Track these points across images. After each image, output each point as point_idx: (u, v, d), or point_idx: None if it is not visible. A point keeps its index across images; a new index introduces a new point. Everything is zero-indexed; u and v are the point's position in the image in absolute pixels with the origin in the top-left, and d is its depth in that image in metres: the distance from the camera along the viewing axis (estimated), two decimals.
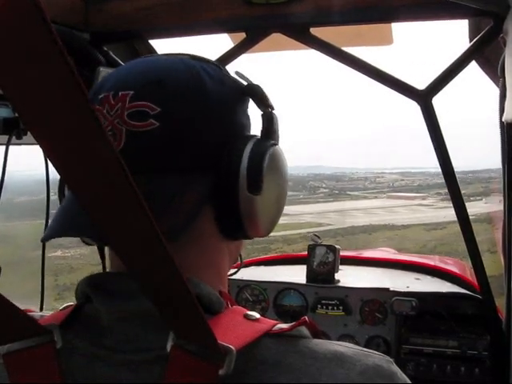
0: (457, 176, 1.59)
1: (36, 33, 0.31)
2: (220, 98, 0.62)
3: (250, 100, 0.69)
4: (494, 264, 1.72)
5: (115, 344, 0.56)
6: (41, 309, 1.44)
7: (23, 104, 0.34)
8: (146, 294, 0.47)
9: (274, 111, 0.68)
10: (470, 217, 1.65)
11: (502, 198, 1.52)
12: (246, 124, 0.67)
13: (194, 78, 0.61)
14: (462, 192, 1.62)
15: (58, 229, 0.60)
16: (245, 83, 0.68)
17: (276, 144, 0.65)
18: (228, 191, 0.60)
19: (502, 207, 1.54)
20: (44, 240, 0.60)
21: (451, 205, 1.62)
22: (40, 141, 0.36)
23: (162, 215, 0.52)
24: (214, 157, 0.61)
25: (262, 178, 0.61)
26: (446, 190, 1.60)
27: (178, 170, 0.59)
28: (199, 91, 0.61)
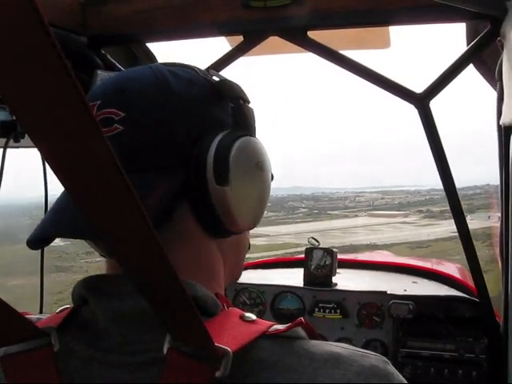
0: (437, 194, 1.59)
1: (34, 36, 0.31)
2: (187, 97, 0.63)
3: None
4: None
5: (112, 346, 0.56)
6: (40, 311, 1.45)
7: (21, 107, 0.34)
8: (142, 295, 0.47)
9: (246, 103, 0.68)
10: (457, 234, 1.66)
11: (489, 214, 1.53)
12: (225, 120, 0.66)
13: (157, 81, 0.62)
14: (444, 208, 1.62)
15: (49, 229, 0.61)
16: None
17: (246, 135, 0.64)
18: (198, 186, 0.60)
19: (490, 223, 1.55)
20: (29, 242, 0.60)
21: (434, 222, 1.63)
22: (38, 143, 0.36)
23: None
24: (181, 155, 0.61)
25: (227, 168, 0.60)
26: (428, 208, 1.61)
27: (143, 170, 0.60)
28: (162, 92, 0.62)
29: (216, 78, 0.68)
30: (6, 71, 0.32)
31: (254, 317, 0.57)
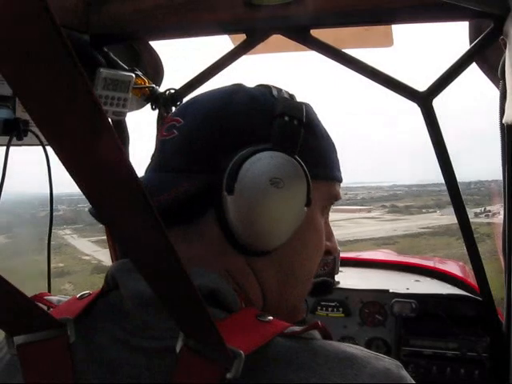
0: (400, 190, 1.58)
1: (46, 36, 0.31)
2: (240, 113, 0.66)
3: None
4: None
5: (133, 328, 0.58)
6: (48, 291, 1.47)
7: (34, 105, 0.35)
8: (155, 293, 0.48)
9: (293, 121, 0.66)
10: (427, 229, 1.65)
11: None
12: (268, 138, 0.65)
13: (222, 96, 0.69)
14: (411, 204, 1.61)
15: None
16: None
17: (273, 150, 0.63)
18: (217, 193, 0.63)
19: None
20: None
21: (399, 218, 1.62)
22: (51, 140, 0.37)
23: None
24: (215, 163, 0.64)
25: (235, 178, 0.62)
26: (392, 203, 1.59)
27: (174, 171, 0.66)
28: (220, 106, 0.67)
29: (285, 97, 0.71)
30: (18, 71, 0.33)
31: (270, 317, 0.57)
